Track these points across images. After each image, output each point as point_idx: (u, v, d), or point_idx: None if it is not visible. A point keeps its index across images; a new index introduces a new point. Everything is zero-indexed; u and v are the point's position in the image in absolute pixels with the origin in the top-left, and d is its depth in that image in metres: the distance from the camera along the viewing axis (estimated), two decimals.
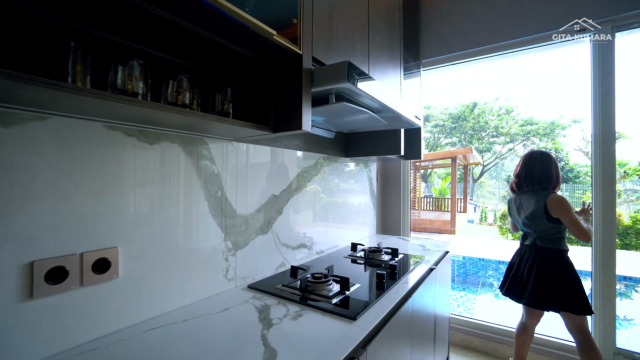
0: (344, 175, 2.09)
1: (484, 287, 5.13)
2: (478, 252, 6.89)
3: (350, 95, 1.18)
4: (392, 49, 1.78)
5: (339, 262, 1.60)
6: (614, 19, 1.86)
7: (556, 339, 2.04)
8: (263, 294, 1.15)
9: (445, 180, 16.86)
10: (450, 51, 2.34)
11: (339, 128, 1.76)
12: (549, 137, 17.60)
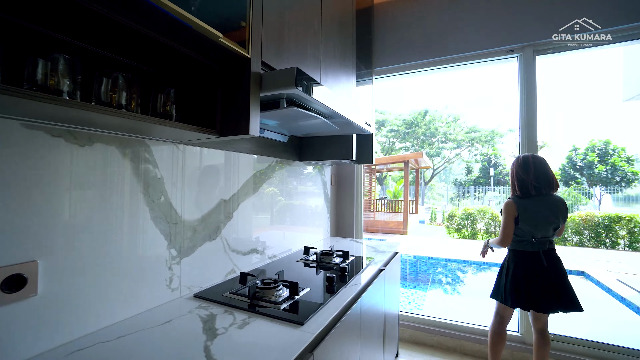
0: (301, 179, 2.10)
1: (433, 283, 5.46)
2: (428, 251, 7.33)
3: (301, 100, 1.19)
4: (344, 56, 1.83)
5: (291, 267, 1.60)
6: (535, 44, 2.11)
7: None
8: (209, 303, 1.11)
9: (398, 183, 17.71)
10: (401, 61, 2.47)
11: (292, 132, 1.77)
12: (489, 143, 19.36)
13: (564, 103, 18.98)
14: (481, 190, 19.30)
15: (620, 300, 4.03)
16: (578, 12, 1.98)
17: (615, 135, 15.97)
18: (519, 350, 2.09)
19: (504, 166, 19.04)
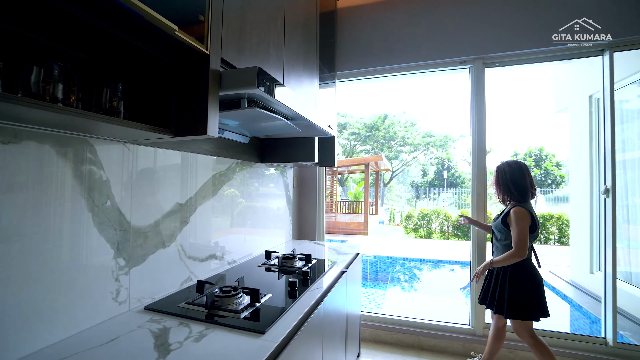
0: (262, 180, 2.05)
1: (392, 282, 5.65)
2: (387, 250, 7.59)
3: (263, 101, 1.16)
4: (308, 59, 1.83)
5: (252, 272, 1.55)
6: (484, 57, 2.28)
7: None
8: (162, 315, 1.03)
9: (359, 184, 18.16)
10: (363, 66, 2.53)
11: (254, 133, 1.72)
12: (443, 148, 20.62)
13: (506, 112, 20.92)
14: (436, 192, 20.46)
15: (551, 289, 4.50)
16: (518, 32, 2.18)
17: (548, 143, 17.95)
18: (470, 342, 2.23)
19: (456, 169, 20.40)
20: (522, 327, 1.76)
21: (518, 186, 1.78)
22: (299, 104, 1.28)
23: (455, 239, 9.89)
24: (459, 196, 19.22)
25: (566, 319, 3.79)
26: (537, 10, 2.16)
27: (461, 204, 18.07)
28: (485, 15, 2.26)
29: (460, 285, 5.53)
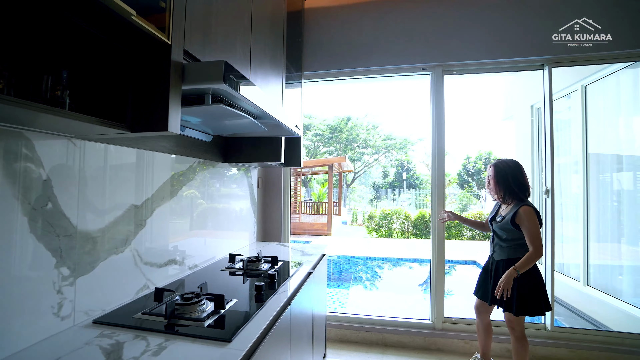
0: (225, 181, 1.96)
1: (355, 281, 5.76)
2: (350, 250, 7.73)
3: (229, 97, 1.11)
4: (275, 57, 1.79)
5: (216, 277, 1.47)
6: (444, 65, 2.41)
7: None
8: (115, 329, 0.94)
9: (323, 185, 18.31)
10: (329, 68, 2.54)
11: (217, 131, 1.64)
12: (403, 150, 21.53)
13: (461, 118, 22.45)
14: (396, 193, 21.29)
15: None
16: (473, 45, 2.34)
17: (496, 147, 19.56)
18: (431, 336, 2.33)
19: (414, 171, 21.39)
20: (520, 321, 1.79)
21: (520, 185, 1.80)
22: (266, 102, 1.24)
23: (414, 238, 10.36)
24: (417, 197, 20.19)
25: None
26: (490, 26, 2.33)
27: (419, 204, 18.99)
28: (445, 26, 2.39)
29: (418, 282, 5.79)
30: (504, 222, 1.84)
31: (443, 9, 2.39)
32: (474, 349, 2.27)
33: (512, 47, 2.30)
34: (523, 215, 1.74)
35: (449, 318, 2.36)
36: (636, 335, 2.22)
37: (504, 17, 2.31)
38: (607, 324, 2.78)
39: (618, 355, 2.15)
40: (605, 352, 2.17)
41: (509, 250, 1.84)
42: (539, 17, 2.27)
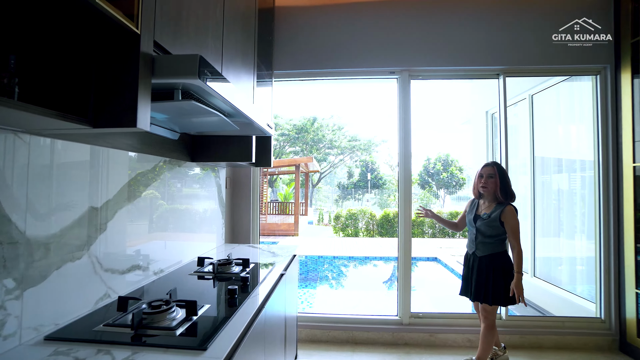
0: (189, 181, 1.87)
1: (322, 281, 5.80)
2: (317, 250, 7.76)
3: (200, 93, 1.05)
4: (246, 54, 1.74)
5: (184, 282, 1.40)
6: (410, 70, 2.51)
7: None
8: (72, 345, 0.85)
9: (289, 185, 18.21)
10: (300, 67, 2.53)
11: (185, 129, 1.56)
12: (367, 151, 22.06)
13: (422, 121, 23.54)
14: (361, 193, 21.77)
15: (459, 277, 5.20)
16: (438, 53, 2.47)
17: (453, 150, 20.77)
18: (399, 332, 2.41)
19: (378, 171, 22.03)
20: (494, 311, 1.95)
21: (511, 189, 1.98)
22: (240, 100, 1.20)
23: (379, 237, 10.67)
24: (381, 197, 20.81)
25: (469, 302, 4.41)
26: (453, 36, 2.47)
27: (383, 204, 19.59)
28: (413, 34, 2.49)
29: (383, 279, 5.98)
30: (491, 219, 1.94)
31: (411, 17, 2.50)
32: (439, 341, 2.39)
33: (471, 57, 2.46)
34: (509, 213, 1.89)
35: (415, 313, 2.46)
36: (573, 318, 2.49)
37: (466, 28, 2.47)
38: (551, 310, 3.07)
39: (560, 338, 2.39)
40: (550, 335, 2.40)
41: (492, 246, 1.95)
42: (495, 31, 2.46)
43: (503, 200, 1.96)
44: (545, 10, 2.45)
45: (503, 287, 1.90)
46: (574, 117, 3.29)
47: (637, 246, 2.26)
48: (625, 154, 2.34)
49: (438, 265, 6.28)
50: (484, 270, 1.95)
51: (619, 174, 2.40)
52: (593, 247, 2.55)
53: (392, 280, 5.70)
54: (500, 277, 1.91)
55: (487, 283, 1.93)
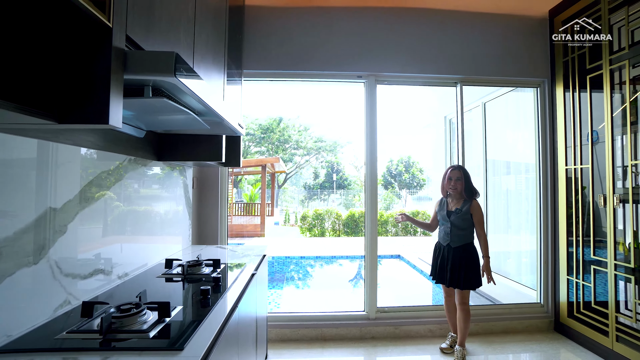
0: (154, 180, 1.80)
1: (288, 281, 5.79)
2: (284, 251, 7.74)
3: (172, 91, 1.03)
4: (217, 51, 1.72)
5: (153, 285, 1.35)
6: (376, 75, 2.63)
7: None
8: (30, 356, 0.79)
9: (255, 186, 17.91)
10: (269, 68, 2.53)
11: (151, 127, 1.50)
12: (333, 152, 22.35)
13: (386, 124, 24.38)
14: (326, 193, 22.00)
15: (420, 273, 5.50)
16: (402, 60, 2.61)
17: (414, 152, 21.79)
18: (366, 326, 2.51)
19: (343, 172, 22.43)
20: (468, 295, 2.22)
21: (474, 187, 2.28)
22: (213, 98, 1.19)
23: (345, 236, 10.88)
24: (346, 197, 21.20)
25: (429, 294, 4.69)
26: (417, 46, 2.63)
27: (348, 204, 19.98)
28: (380, 41, 2.61)
29: (348, 277, 6.12)
30: (463, 212, 2.22)
31: (379, 26, 2.62)
32: (403, 333, 2.52)
33: (433, 66, 2.64)
34: (476, 206, 2.23)
35: (381, 308, 2.57)
36: (518, 305, 2.75)
37: (429, 39, 2.65)
38: (501, 299, 3.37)
39: (508, 323, 2.64)
40: (499, 321, 2.64)
41: (464, 237, 2.23)
42: (455, 43, 2.66)
43: (468, 197, 2.23)
44: (497, 27, 2.70)
45: (475, 272, 2.19)
46: (520, 124, 3.63)
47: (569, 239, 2.57)
48: (560, 158, 2.65)
49: (401, 263, 6.57)
50: (458, 259, 2.21)
51: (554, 176, 2.71)
52: (535, 241, 2.85)
53: (357, 279, 5.87)
54: (471, 264, 2.19)
55: (460, 270, 2.18)
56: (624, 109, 2.17)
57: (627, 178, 2.16)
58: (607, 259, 2.23)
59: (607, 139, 2.24)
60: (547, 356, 2.28)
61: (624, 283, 2.17)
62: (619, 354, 2.12)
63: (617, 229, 2.20)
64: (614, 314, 2.17)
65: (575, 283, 2.50)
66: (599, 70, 2.32)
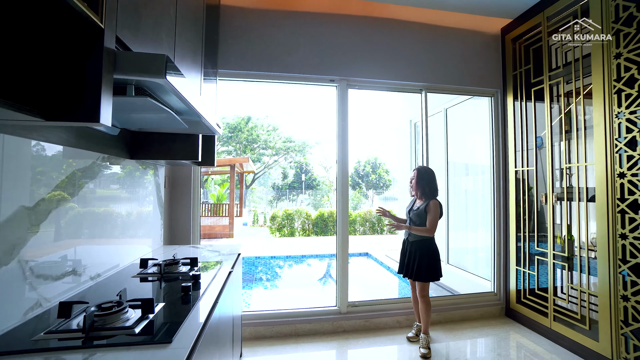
0: (125, 180, 1.75)
1: (257, 282, 5.76)
2: (254, 251, 7.66)
3: (155, 90, 1.05)
4: (195, 51, 1.72)
5: (129, 284, 1.33)
6: (348, 79, 2.74)
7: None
8: (8, 358, 0.78)
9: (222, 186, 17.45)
10: (244, 68, 2.55)
11: (125, 124, 1.48)
12: (302, 153, 22.39)
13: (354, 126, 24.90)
14: (295, 194, 22.00)
15: (387, 269, 5.74)
16: (372, 66, 2.75)
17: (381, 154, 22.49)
18: (337, 320, 2.61)
19: (312, 173, 22.57)
20: (427, 287, 2.36)
21: (432, 189, 2.39)
22: (194, 98, 1.22)
23: (314, 235, 10.99)
24: (314, 197, 21.36)
25: (395, 289, 4.93)
26: (386, 54, 2.78)
27: (317, 204, 20.14)
28: (353, 47, 2.74)
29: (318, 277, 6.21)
30: (419, 210, 2.38)
31: (352, 33, 2.74)
32: (373, 325, 2.66)
33: (401, 73, 2.81)
34: (431, 205, 2.32)
35: (352, 302, 2.69)
36: (475, 294, 3.01)
37: (398, 48, 2.83)
38: (460, 291, 3.65)
39: (465, 311, 2.89)
40: (458, 310, 2.87)
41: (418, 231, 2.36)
42: (421, 53, 2.85)
43: (427, 197, 2.37)
44: (458, 41, 2.95)
45: (432, 266, 2.33)
46: (477, 129, 3.96)
47: (518, 234, 2.87)
48: (510, 161, 2.95)
49: (369, 260, 6.80)
50: (414, 253, 2.37)
51: (506, 177, 3.01)
52: (489, 237, 3.14)
53: (326, 278, 5.99)
54: (428, 258, 2.33)
55: (419, 264, 2.34)
56: (560, 119, 2.49)
57: (563, 179, 2.48)
58: (548, 250, 2.53)
59: (548, 145, 2.55)
60: (499, 339, 2.54)
61: (560, 270, 2.48)
62: (556, 331, 2.42)
63: (555, 224, 2.51)
64: (552, 298, 2.48)
65: (523, 273, 2.80)
66: (540, 85, 2.62)
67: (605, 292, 2.07)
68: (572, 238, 2.39)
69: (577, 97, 2.35)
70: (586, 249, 2.24)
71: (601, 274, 2.10)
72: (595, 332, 2.14)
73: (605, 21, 2.10)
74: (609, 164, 2.07)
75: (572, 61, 2.36)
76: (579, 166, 2.31)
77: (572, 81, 2.36)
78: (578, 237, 2.31)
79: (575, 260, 2.35)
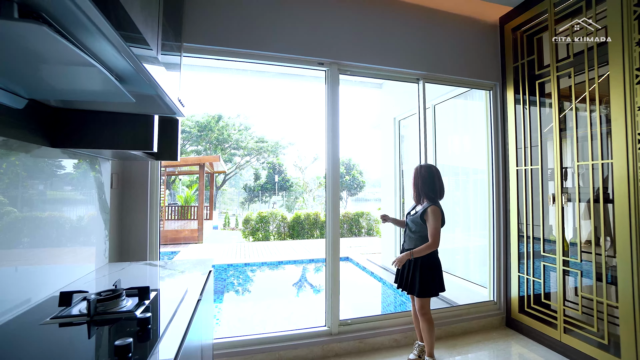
0: (51, 175, 1.26)
1: (229, 294, 5.24)
2: (226, 258, 7.08)
3: (63, 18, 0.62)
4: (149, 9, 1.26)
5: (33, 336, 0.86)
6: (339, 63, 2.38)
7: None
8: None
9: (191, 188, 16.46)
10: (217, 43, 2.11)
11: (36, 92, 1.01)
12: (274, 153, 21.80)
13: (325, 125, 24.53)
14: (268, 195, 21.36)
15: (369, 274, 5.44)
16: (367, 50, 2.41)
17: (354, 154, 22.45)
18: (328, 343, 2.22)
19: (285, 173, 22.04)
20: (426, 303, 2.04)
21: (432, 190, 2.06)
22: (145, 54, 0.79)
23: (290, 239, 10.51)
24: (288, 199, 20.86)
25: (378, 295, 4.64)
26: (382, 37, 2.46)
27: (290, 206, 19.66)
28: (345, 27, 2.39)
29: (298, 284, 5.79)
30: (415, 216, 2.09)
31: (344, 10, 2.40)
32: (368, 347, 2.30)
33: (397, 59, 2.50)
34: (430, 212, 2.01)
35: (344, 320, 2.32)
36: (474, 304, 2.76)
37: (394, 32, 2.52)
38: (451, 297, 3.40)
39: (466, 324, 2.62)
40: (459, 323, 2.60)
41: (415, 241, 2.07)
42: (419, 38, 2.56)
43: (432, 201, 2.07)
44: (455, 27, 2.69)
45: (430, 280, 2.02)
46: (467, 127, 3.77)
47: (520, 236, 2.66)
48: (511, 159, 2.74)
49: (350, 265, 6.48)
50: (410, 264, 2.08)
51: (506, 176, 2.79)
52: (486, 241, 2.91)
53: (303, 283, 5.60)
54: (425, 271, 2.03)
55: (414, 276, 2.04)
56: (569, 113, 2.29)
57: (573, 178, 2.28)
58: (557, 255, 2.33)
59: (555, 141, 2.34)
60: (507, 355, 2.29)
61: (573, 278, 2.28)
62: (566, 344, 2.21)
63: (563, 227, 2.31)
64: (562, 307, 2.26)
65: (526, 280, 2.59)
66: (547, 77, 2.42)
67: (628, 302, 1.87)
68: (583, 242, 2.19)
69: (591, 87, 2.15)
70: (602, 254, 2.04)
71: (622, 282, 1.90)
72: (616, 347, 1.94)
73: (625, 5, 1.91)
74: (630, 161, 1.87)
75: (585, 50, 2.16)
76: (594, 164, 2.11)
77: (586, 71, 2.16)
78: (593, 240, 2.11)
79: (589, 267, 2.15)
